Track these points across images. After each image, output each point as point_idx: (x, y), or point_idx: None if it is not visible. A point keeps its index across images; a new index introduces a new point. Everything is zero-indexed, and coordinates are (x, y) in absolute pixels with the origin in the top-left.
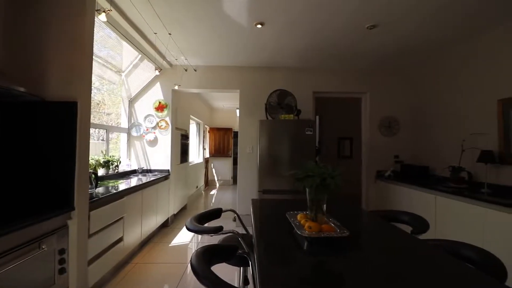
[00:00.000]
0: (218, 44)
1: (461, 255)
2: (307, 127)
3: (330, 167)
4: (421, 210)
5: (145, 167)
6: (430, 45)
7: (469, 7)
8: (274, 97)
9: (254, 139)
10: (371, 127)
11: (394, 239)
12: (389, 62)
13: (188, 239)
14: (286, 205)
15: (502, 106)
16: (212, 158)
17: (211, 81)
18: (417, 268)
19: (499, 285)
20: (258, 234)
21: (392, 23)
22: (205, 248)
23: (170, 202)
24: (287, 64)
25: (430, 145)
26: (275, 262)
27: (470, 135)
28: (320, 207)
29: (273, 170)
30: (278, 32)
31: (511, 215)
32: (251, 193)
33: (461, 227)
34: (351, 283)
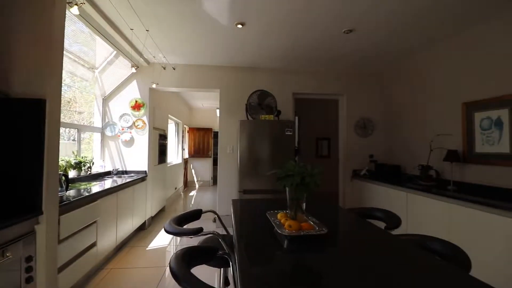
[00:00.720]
0: (198, 42)
1: (430, 248)
2: (286, 128)
3: (309, 166)
4: (394, 207)
5: (121, 169)
6: (401, 50)
7: (436, 16)
8: (254, 97)
9: (234, 139)
10: (348, 128)
11: (369, 235)
12: (364, 65)
13: (167, 242)
14: (267, 205)
15: (465, 108)
16: (192, 159)
17: (191, 80)
18: (390, 262)
19: (465, 275)
20: (239, 234)
21: (367, 29)
22: (184, 250)
23: (148, 204)
24: (267, 65)
25: (402, 145)
26: (255, 262)
27: (438, 136)
28: (300, 206)
29: (253, 170)
30: (259, 33)
31: (474, 210)
32: (232, 194)
33: (430, 222)
34: (329, 279)
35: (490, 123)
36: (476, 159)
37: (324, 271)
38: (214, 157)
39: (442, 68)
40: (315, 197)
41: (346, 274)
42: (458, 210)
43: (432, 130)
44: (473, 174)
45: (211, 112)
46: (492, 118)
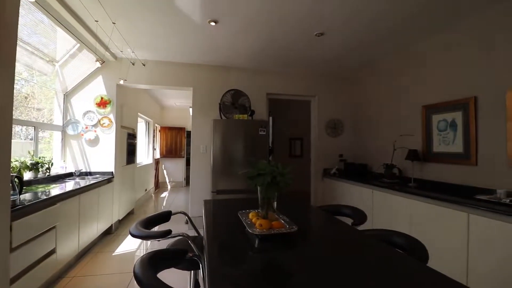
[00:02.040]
0: (170, 38)
1: (392, 242)
2: (260, 128)
3: (280, 165)
4: (361, 203)
5: (84, 170)
6: (369, 56)
7: (400, 26)
8: (228, 96)
9: (207, 138)
10: (319, 128)
11: (337, 231)
12: (335, 68)
13: (135, 246)
14: (239, 205)
15: (425, 111)
16: (163, 159)
17: (162, 77)
18: (356, 256)
19: (423, 266)
20: (209, 235)
21: (337, 33)
22: (150, 254)
23: (114, 207)
24: (241, 64)
25: (369, 145)
26: (226, 262)
27: (401, 136)
28: (271, 205)
29: (226, 170)
30: (232, 32)
31: (431, 205)
32: (205, 194)
33: (394, 217)
34: (299, 275)
35: (446, 125)
36: (434, 158)
37: (293, 268)
38: (187, 157)
39: (405, 73)
40: (288, 196)
41: (314, 270)
42: (418, 205)
43: (396, 131)
44: (431, 172)
45: (184, 111)
46: (448, 120)
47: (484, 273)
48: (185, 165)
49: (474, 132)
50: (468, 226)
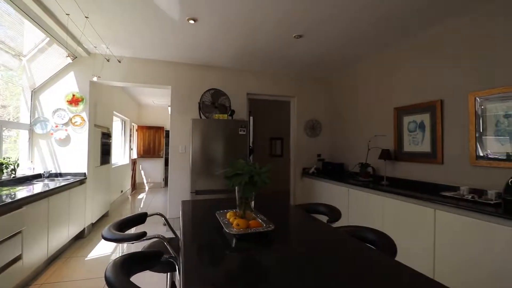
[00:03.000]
0: (147, 35)
1: (364, 237)
2: (240, 127)
3: (257, 165)
4: (338, 201)
5: (54, 171)
6: (346, 58)
7: (374, 31)
8: (208, 96)
9: (186, 138)
10: (298, 128)
11: (313, 228)
12: (313, 69)
13: (110, 250)
14: (218, 205)
15: (397, 113)
16: (141, 159)
17: (139, 75)
18: (330, 252)
19: (391, 260)
20: (186, 236)
21: (316, 36)
22: (124, 257)
23: (87, 210)
24: (222, 64)
25: (345, 145)
26: (202, 263)
27: (375, 137)
28: (249, 204)
29: (206, 170)
30: (212, 30)
31: (401, 202)
32: (184, 195)
33: (368, 213)
34: (276, 273)
35: (415, 126)
36: (404, 157)
37: (269, 266)
38: (166, 157)
39: (378, 76)
40: (268, 195)
41: (289, 267)
42: (390, 202)
43: (370, 131)
44: (402, 170)
45: (163, 109)
46: (417, 122)
47: (449, 263)
48: (164, 166)
49: (440, 133)
50: (435, 220)
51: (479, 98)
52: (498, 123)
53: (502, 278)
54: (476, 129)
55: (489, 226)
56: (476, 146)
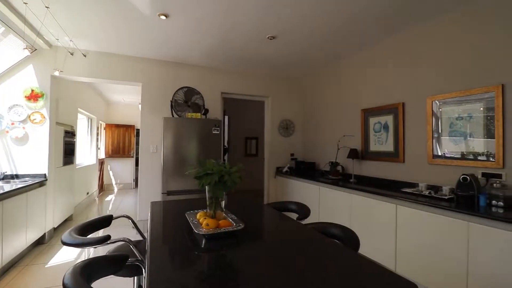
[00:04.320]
0: (115, 29)
1: (331, 233)
2: (214, 127)
3: (227, 164)
4: (309, 199)
5: (10, 172)
6: (318, 61)
7: (344, 35)
8: (180, 94)
9: (158, 137)
10: (272, 128)
11: (282, 226)
12: (287, 70)
13: (74, 256)
14: (189, 205)
15: (363, 114)
16: (110, 159)
17: (107, 71)
18: (298, 248)
19: (354, 254)
20: (153, 238)
21: (289, 38)
22: (84, 263)
23: (48, 214)
24: (195, 62)
25: (317, 144)
26: (168, 265)
27: (344, 137)
28: (219, 204)
29: (178, 170)
30: (184, 27)
31: (367, 198)
32: (155, 196)
33: (337, 210)
34: (245, 271)
35: (380, 127)
36: (370, 156)
37: (240, 265)
38: (137, 157)
39: (347, 79)
40: (243, 194)
41: (259, 264)
42: (357, 199)
43: (339, 132)
44: (369, 169)
45: (134, 107)
46: (382, 123)
47: (409, 253)
48: (135, 166)
49: (402, 134)
50: (396, 215)
51: (438, 102)
52: (452, 124)
53: (454, 264)
54: (433, 130)
55: (443, 219)
56: (433, 146)
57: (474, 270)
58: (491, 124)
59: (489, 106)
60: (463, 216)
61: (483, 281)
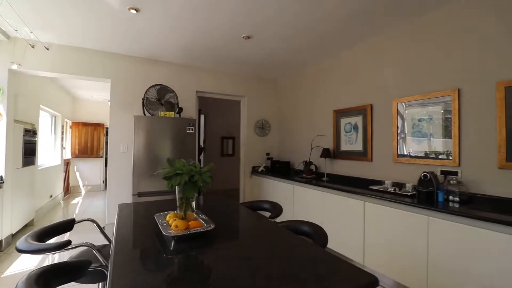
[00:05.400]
0: (81, 22)
1: (301, 230)
2: (188, 126)
3: (198, 164)
4: (284, 198)
5: None
6: (292, 62)
7: (317, 39)
8: (153, 92)
9: (128, 136)
10: (248, 127)
11: (254, 225)
12: (262, 70)
13: (34, 264)
14: (159, 207)
15: (335, 115)
16: (76, 159)
17: (72, 65)
18: (268, 246)
19: (321, 250)
20: (118, 242)
21: (264, 38)
22: (40, 270)
23: (5, 219)
24: (169, 59)
25: (292, 144)
26: (133, 269)
27: (317, 137)
28: (190, 204)
29: (150, 171)
30: (157, 23)
31: (338, 196)
32: (125, 198)
33: (311, 208)
34: (215, 271)
35: (350, 127)
36: (341, 155)
37: (210, 266)
38: (107, 157)
39: (320, 81)
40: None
41: (229, 264)
42: (329, 196)
43: (313, 131)
44: (340, 167)
45: (104, 105)
46: (352, 123)
47: (375, 247)
48: (104, 166)
49: (370, 134)
50: (364, 211)
51: (404, 104)
52: (415, 125)
53: (416, 256)
54: (398, 131)
55: (406, 214)
56: (398, 146)
57: (433, 260)
58: (449, 126)
59: (447, 108)
60: (423, 211)
61: (441, 270)
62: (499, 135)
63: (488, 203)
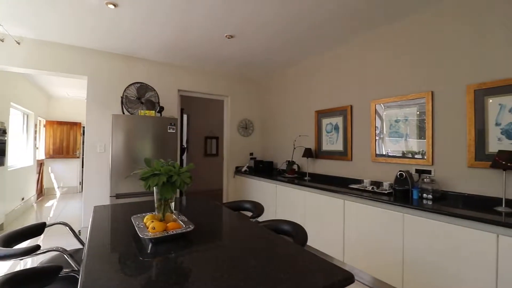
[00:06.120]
0: (56, 15)
1: (282, 229)
2: (169, 125)
3: (177, 164)
4: (267, 197)
5: None
6: (275, 62)
7: (297, 38)
8: (133, 90)
9: (106, 136)
10: (232, 127)
11: (235, 225)
12: (246, 70)
13: (3, 271)
14: (138, 208)
15: (317, 115)
16: (51, 160)
17: (46, 61)
18: (248, 246)
19: (299, 248)
20: (92, 246)
21: (247, 38)
22: (6, 277)
23: None
24: (149, 56)
25: (275, 144)
26: (108, 274)
27: (299, 137)
28: (168, 206)
29: (129, 172)
30: (136, 19)
31: (320, 195)
32: (102, 200)
33: (293, 207)
34: (193, 273)
35: (331, 128)
36: (323, 155)
37: (187, 268)
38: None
39: (303, 82)
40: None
41: (209, 265)
42: (310, 195)
43: (296, 132)
44: (321, 167)
45: (80, 103)
46: (333, 124)
47: (354, 244)
48: (81, 167)
49: (350, 134)
50: (344, 209)
51: (383, 105)
52: (392, 126)
53: (392, 251)
54: (377, 132)
55: (383, 212)
56: (376, 146)
57: (408, 255)
58: (424, 126)
59: (422, 110)
60: (399, 208)
61: (416, 265)
62: (468, 136)
63: (458, 200)
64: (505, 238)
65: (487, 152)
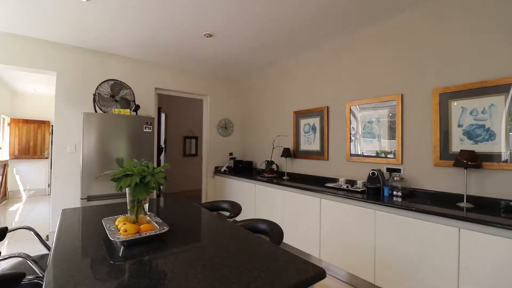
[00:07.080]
0: (20, 6)
1: (258, 228)
2: (145, 124)
3: (151, 164)
4: (246, 197)
5: None
6: (254, 63)
7: (278, 42)
8: (106, 87)
9: (77, 135)
10: (211, 127)
11: (212, 225)
12: (225, 70)
13: None
14: (110, 210)
15: (295, 116)
16: (16, 161)
17: (8, 55)
18: (223, 246)
19: (275, 247)
20: (58, 251)
21: (226, 37)
22: None
23: None
24: (124, 52)
25: (255, 144)
26: (74, 279)
27: (278, 137)
28: (142, 207)
29: (102, 173)
30: (109, 13)
31: (297, 194)
32: (73, 202)
33: (272, 206)
34: (166, 276)
35: (309, 128)
36: (301, 154)
37: (162, 270)
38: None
39: (282, 83)
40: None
41: (183, 267)
42: (289, 194)
43: (275, 132)
44: (299, 166)
45: (49, 100)
46: (310, 124)
47: (330, 240)
48: (50, 168)
49: (327, 134)
50: (320, 207)
51: (358, 107)
52: (365, 127)
53: (365, 246)
54: (352, 132)
55: (357, 209)
56: (350, 145)
57: (380, 250)
58: (394, 127)
59: (393, 112)
60: (371, 205)
61: (386, 259)
62: (434, 136)
63: (425, 197)
64: (465, 231)
65: (450, 152)
